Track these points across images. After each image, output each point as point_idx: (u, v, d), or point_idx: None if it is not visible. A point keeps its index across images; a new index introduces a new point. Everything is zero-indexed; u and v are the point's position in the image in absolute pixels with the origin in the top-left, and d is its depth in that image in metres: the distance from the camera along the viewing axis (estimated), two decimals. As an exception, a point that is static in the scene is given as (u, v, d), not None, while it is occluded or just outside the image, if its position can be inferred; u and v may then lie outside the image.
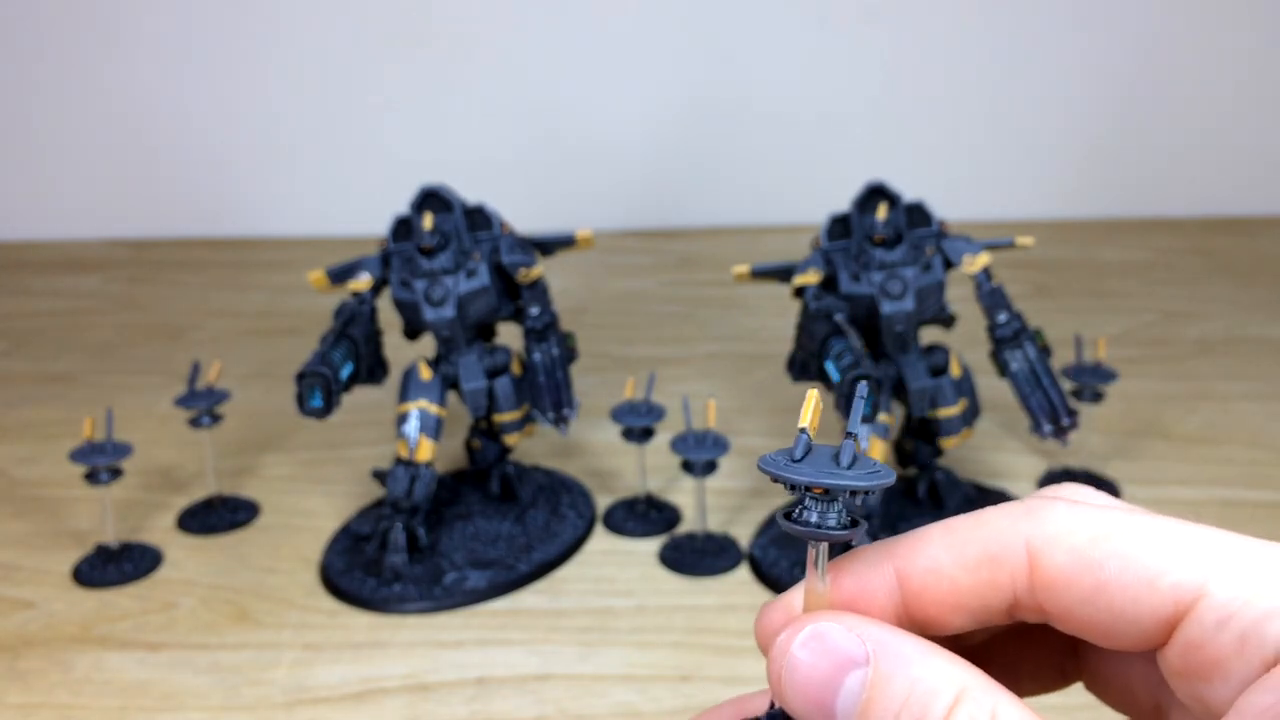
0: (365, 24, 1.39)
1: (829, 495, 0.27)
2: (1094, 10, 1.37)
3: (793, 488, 0.27)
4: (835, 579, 0.28)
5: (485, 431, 0.85)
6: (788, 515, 0.28)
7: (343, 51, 1.40)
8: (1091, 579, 0.26)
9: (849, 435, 0.27)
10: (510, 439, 0.83)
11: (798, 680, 0.26)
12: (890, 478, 0.27)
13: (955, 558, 0.27)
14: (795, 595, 0.29)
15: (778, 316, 1.08)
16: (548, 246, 0.83)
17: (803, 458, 0.27)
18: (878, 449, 0.76)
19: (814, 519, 0.27)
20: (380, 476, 0.80)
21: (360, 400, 0.86)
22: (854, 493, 0.27)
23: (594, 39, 1.39)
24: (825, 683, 0.26)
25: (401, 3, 1.38)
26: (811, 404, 0.27)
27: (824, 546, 0.28)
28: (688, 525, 0.83)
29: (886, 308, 0.76)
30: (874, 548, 0.29)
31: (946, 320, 0.80)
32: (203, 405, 0.84)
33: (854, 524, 0.27)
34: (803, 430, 0.27)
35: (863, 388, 0.28)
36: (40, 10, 1.39)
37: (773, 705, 0.30)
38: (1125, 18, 1.37)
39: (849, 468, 0.27)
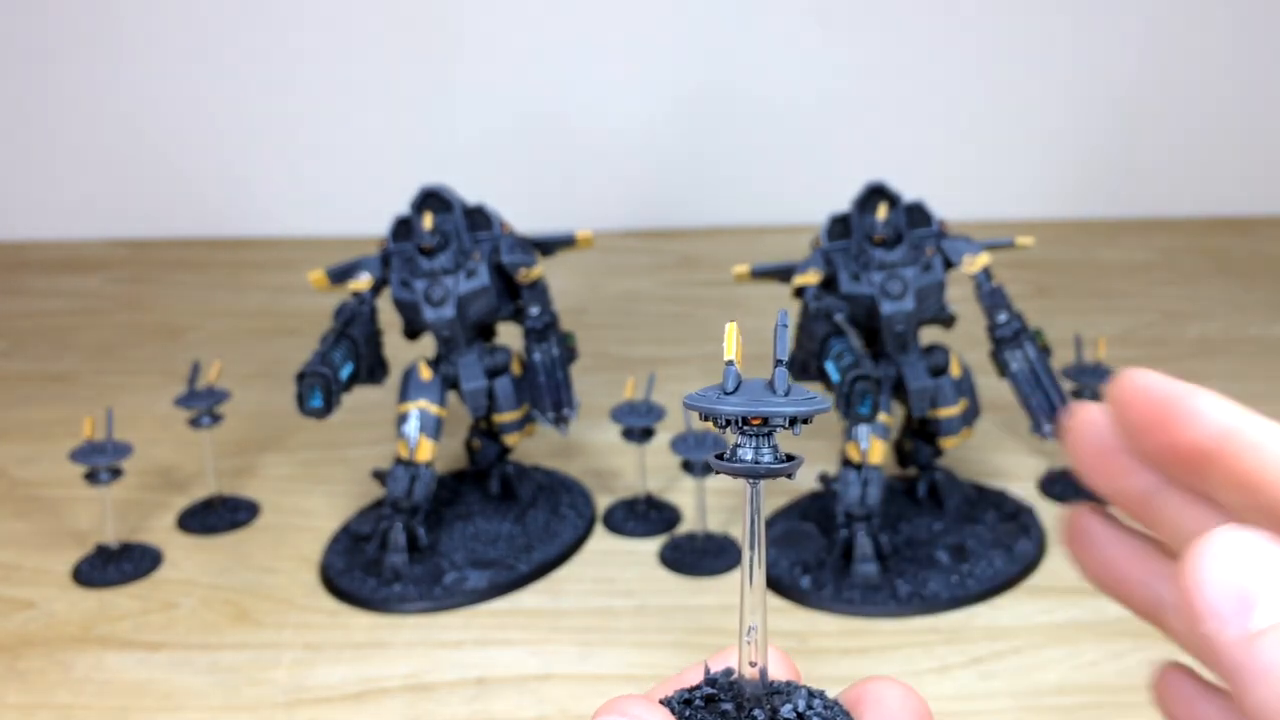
0: (365, 24, 1.39)
1: (765, 428, 0.26)
2: (1095, 10, 1.37)
3: (726, 424, 0.26)
4: None
5: (485, 431, 0.85)
6: (720, 455, 0.27)
7: (342, 51, 1.40)
8: None
9: (779, 363, 0.26)
10: (510, 439, 0.83)
11: None
12: (826, 404, 0.26)
13: None
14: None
15: (778, 317, 1.07)
16: (548, 246, 0.83)
17: (734, 390, 0.26)
18: (878, 449, 0.76)
19: (749, 456, 0.26)
20: (380, 476, 0.80)
21: (360, 400, 0.86)
22: (792, 421, 0.26)
23: (594, 39, 1.39)
24: None
25: (401, 3, 1.38)
26: (732, 335, 0.26)
27: (761, 486, 0.27)
28: (688, 525, 0.83)
29: (886, 308, 0.76)
30: None
31: (946, 320, 0.80)
32: (203, 405, 0.84)
33: (790, 458, 0.26)
34: (729, 363, 0.26)
35: (783, 315, 0.27)
36: (40, 11, 1.39)
37: (707, 671, 0.29)
38: (1126, 18, 1.37)
39: (785, 395, 0.26)
